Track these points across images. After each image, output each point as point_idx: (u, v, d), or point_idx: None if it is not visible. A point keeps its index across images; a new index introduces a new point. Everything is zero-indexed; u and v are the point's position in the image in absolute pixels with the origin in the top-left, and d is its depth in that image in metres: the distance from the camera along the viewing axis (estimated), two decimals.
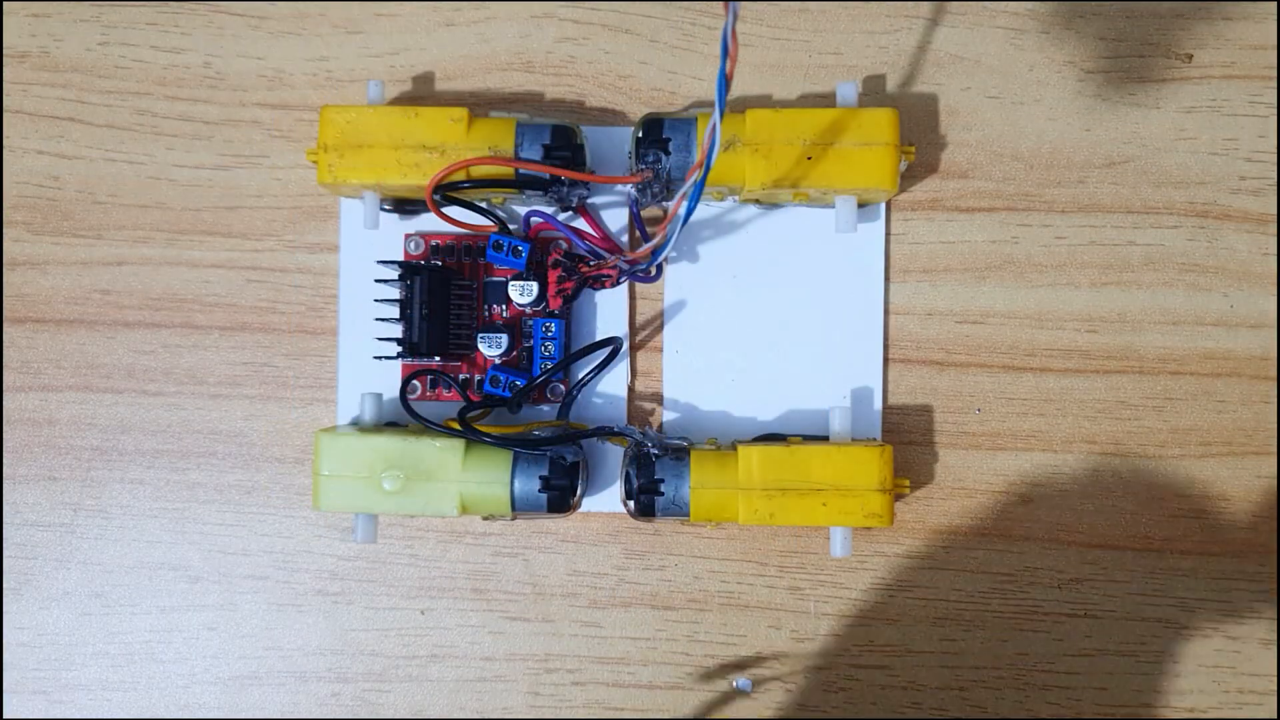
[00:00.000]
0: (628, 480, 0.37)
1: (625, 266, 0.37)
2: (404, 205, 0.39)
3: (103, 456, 0.41)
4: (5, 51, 0.42)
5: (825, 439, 0.38)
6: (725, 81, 0.27)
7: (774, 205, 0.40)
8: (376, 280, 0.38)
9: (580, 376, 0.39)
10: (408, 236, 0.40)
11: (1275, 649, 0.40)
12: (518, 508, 0.37)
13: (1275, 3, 0.41)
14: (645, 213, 0.40)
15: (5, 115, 0.42)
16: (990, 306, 0.40)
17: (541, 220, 0.38)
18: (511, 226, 0.39)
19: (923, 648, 0.40)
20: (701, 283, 0.40)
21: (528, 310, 0.39)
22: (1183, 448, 0.40)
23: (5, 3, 0.42)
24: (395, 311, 0.38)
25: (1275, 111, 0.41)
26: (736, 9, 0.25)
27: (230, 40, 0.42)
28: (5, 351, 0.41)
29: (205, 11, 0.42)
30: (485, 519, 0.39)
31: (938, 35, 0.41)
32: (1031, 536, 0.40)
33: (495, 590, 0.40)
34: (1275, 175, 0.41)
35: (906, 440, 0.40)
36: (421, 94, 0.42)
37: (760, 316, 0.40)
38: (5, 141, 0.42)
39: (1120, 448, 0.40)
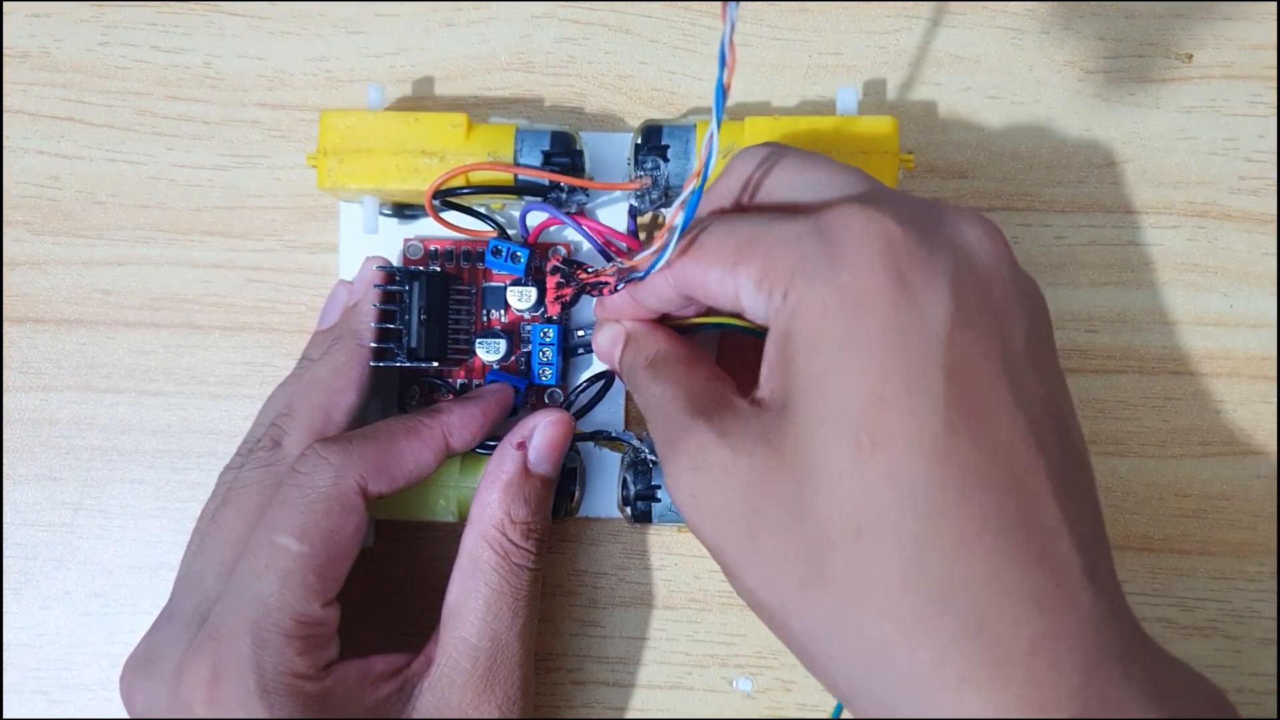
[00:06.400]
0: (624, 486, 0.37)
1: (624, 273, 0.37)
2: (403, 210, 0.39)
3: (103, 456, 0.41)
4: (5, 51, 0.42)
5: None
6: (723, 91, 0.27)
7: None
8: (375, 285, 0.38)
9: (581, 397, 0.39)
10: (407, 241, 0.40)
11: (1275, 649, 0.40)
12: None
13: (1275, 3, 0.41)
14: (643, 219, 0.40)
15: (5, 115, 0.42)
16: None
17: (547, 215, 0.38)
18: (511, 232, 0.39)
19: None
20: None
21: (526, 316, 0.39)
22: (1183, 447, 0.40)
23: (5, 3, 0.42)
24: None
25: (1275, 111, 0.41)
26: (734, 18, 0.25)
27: (230, 40, 0.42)
28: (5, 351, 0.41)
29: (205, 11, 0.42)
30: None
31: (937, 35, 0.41)
32: None
33: None
34: (1275, 175, 0.41)
35: None
36: (421, 94, 0.42)
37: None
38: (5, 141, 0.42)
39: (1120, 447, 0.40)
